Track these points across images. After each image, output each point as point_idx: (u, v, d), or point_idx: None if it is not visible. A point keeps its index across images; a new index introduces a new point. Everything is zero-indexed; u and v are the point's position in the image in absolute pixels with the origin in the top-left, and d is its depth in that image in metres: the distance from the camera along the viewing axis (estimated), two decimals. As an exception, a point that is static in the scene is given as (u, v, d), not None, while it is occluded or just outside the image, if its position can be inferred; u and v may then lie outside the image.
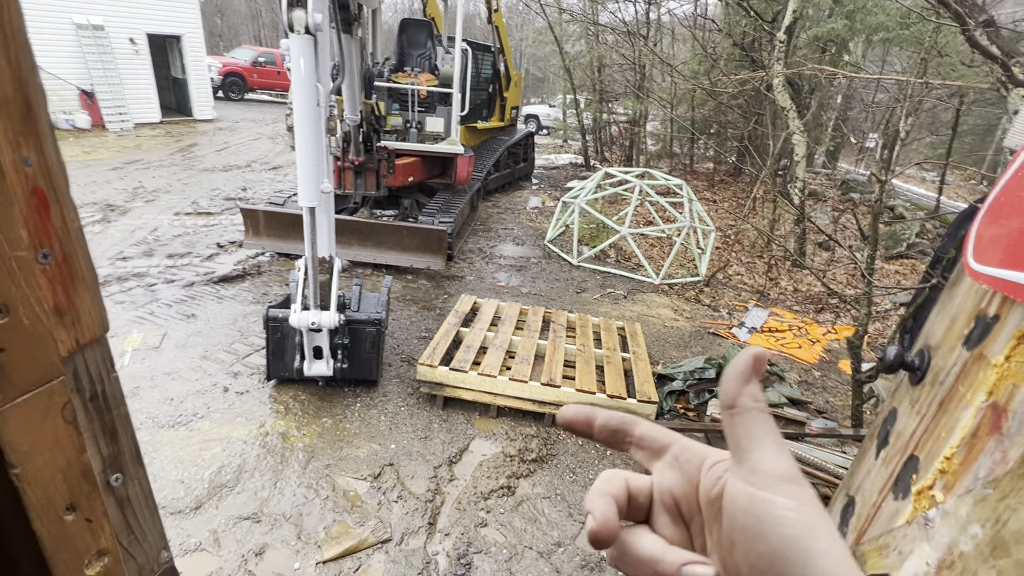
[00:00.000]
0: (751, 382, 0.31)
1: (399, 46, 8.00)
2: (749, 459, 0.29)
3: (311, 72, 2.71)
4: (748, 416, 0.30)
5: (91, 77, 11.97)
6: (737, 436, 0.30)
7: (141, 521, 0.55)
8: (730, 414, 0.31)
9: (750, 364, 0.31)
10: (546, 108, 21.82)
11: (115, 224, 6.37)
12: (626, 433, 0.36)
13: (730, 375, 0.31)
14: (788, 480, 0.28)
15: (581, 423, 0.37)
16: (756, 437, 0.30)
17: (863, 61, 12.93)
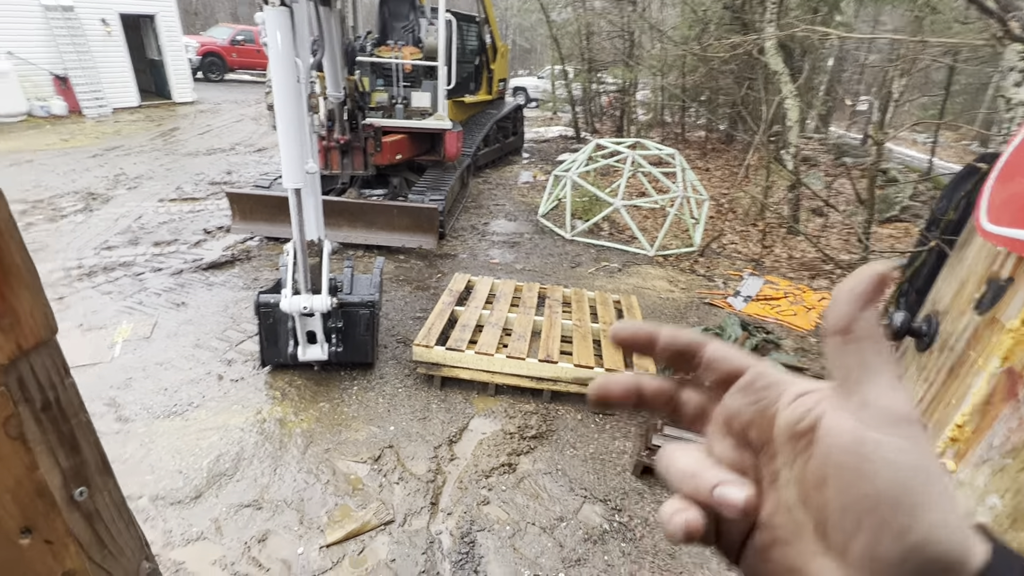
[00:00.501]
0: (870, 305, 0.28)
1: (381, 19, 7.75)
2: (860, 392, 0.27)
3: (288, 46, 2.59)
4: (864, 344, 0.27)
5: (64, 61, 11.59)
6: (848, 366, 0.27)
7: (115, 534, 0.51)
8: (842, 341, 0.27)
9: (871, 284, 0.28)
10: (534, 80, 21.40)
11: (98, 213, 6.23)
12: (694, 353, 0.34)
13: (845, 295, 0.28)
14: (904, 420, 0.26)
15: (642, 341, 0.34)
16: (871, 369, 0.27)
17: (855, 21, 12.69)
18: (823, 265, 6.18)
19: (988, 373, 1.00)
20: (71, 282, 4.59)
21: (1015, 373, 0.93)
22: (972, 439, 1.00)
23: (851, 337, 0.27)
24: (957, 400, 1.08)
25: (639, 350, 0.35)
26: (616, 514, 2.77)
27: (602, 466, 3.08)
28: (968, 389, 1.05)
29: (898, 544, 0.24)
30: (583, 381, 3.52)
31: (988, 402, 0.98)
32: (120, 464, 2.80)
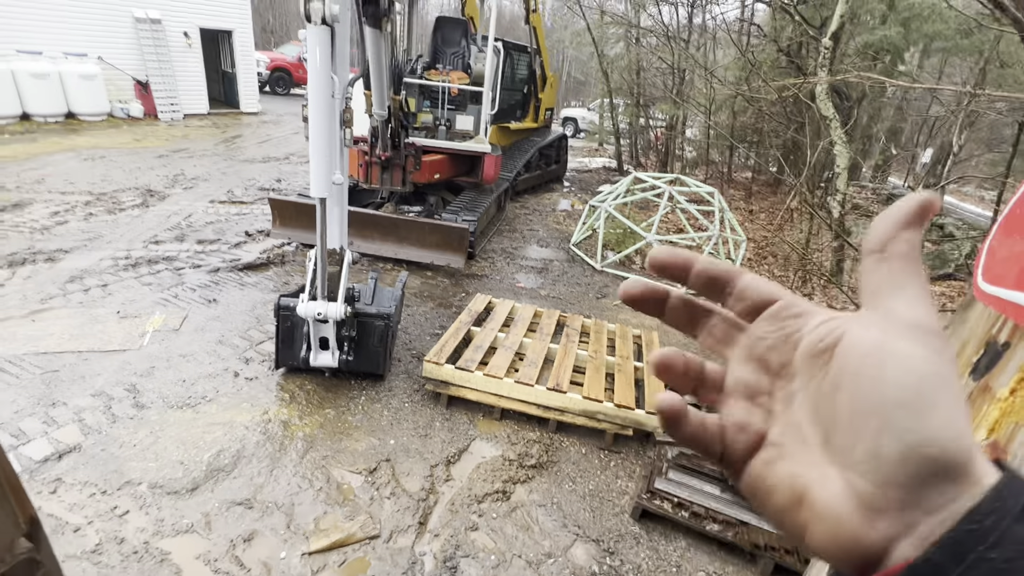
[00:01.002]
0: (912, 228, 0.28)
1: (434, 44, 8.04)
2: (885, 306, 0.27)
3: (326, 63, 2.71)
4: (896, 262, 0.28)
5: (146, 68, 12.51)
6: (877, 283, 0.28)
7: (-17, 508, 0.51)
8: (875, 259, 0.28)
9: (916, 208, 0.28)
10: (584, 111, 21.64)
11: (153, 209, 6.60)
12: (727, 283, 0.34)
13: (887, 216, 0.28)
14: (925, 330, 0.26)
15: (678, 267, 0.35)
16: (899, 284, 0.27)
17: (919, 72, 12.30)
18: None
19: (975, 445, 0.91)
20: (117, 271, 4.86)
21: (999, 447, 0.84)
22: (952, 517, 0.91)
23: (884, 255, 0.28)
24: (943, 472, 0.99)
25: (673, 275, 0.35)
26: (608, 557, 2.65)
27: (600, 504, 2.97)
28: (955, 461, 0.96)
29: (899, 443, 0.24)
30: (591, 414, 3.43)
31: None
32: (129, 449, 2.89)
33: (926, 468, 0.23)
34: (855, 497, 0.25)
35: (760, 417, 0.32)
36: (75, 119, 11.32)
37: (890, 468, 0.24)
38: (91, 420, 3.05)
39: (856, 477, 0.25)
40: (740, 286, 0.34)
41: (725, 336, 0.35)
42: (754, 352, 0.33)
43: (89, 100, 11.46)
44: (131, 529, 2.45)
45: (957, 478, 0.23)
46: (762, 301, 0.33)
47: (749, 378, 0.33)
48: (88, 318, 4.06)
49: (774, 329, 0.32)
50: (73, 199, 6.55)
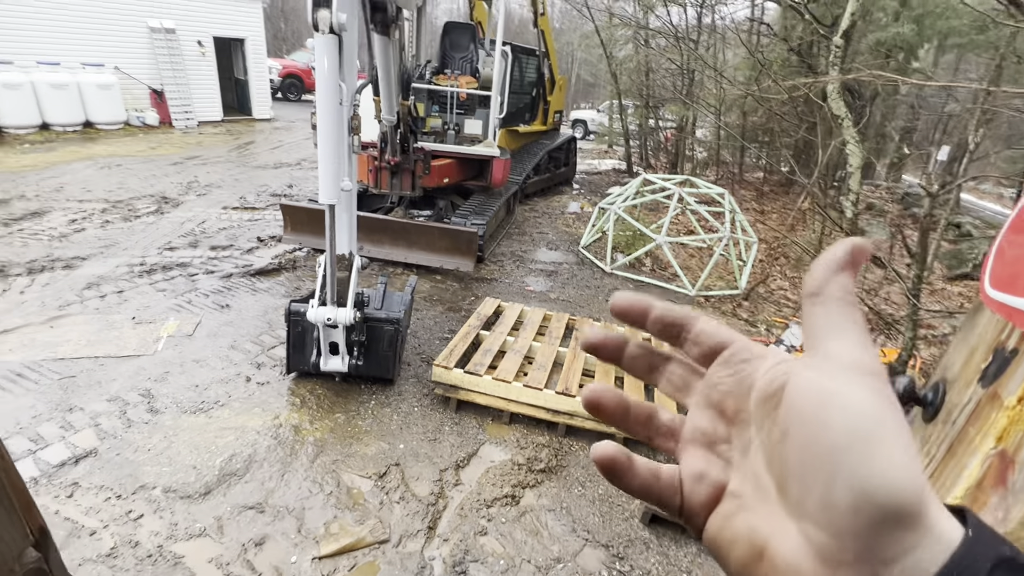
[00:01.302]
0: (844, 273, 0.28)
1: (442, 48, 8.09)
2: (826, 348, 0.27)
3: (334, 71, 2.74)
4: (832, 305, 0.28)
5: (161, 77, 12.73)
6: (815, 326, 0.28)
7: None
8: (811, 302, 0.28)
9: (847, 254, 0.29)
10: (594, 113, 21.61)
11: (167, 216, 6.71)
12: (683, 328, 0.35)
13: (821, 262, 0.29)
14: (865, 371, 0.26)
15: (636, 312, 0.35)
16: (836, 327, 0.27)
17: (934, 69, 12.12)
18: (877, 320, 5.79)
19: (983, 454, 0.90)
20: (132, 277, 4.94)
21: (1007, 457, 0.83)
22: (960, 527, 0.89)
23: (820, 299, 0.28)
24: (952, 481, 0.97)
25: (631, 321, 0.35)
26: (617, 562, 2.64)
27: (609, 509, 2.96)
28: (963, 470, 0.95)
29: (849, 491, 0.23)
30: (600, 418, 3.41)
31: (979, 486, 0.87)
32: (143, 453, 2.94)
33: (878, 515, 0.22)
34: (812, 549, 0.24)
35: (719, 467, 0.32)
36: (93, 128, 11.55)
37: (843, 518, 0.23)
38: (107, 425, 3.11)
39: (812, 528, 0.24)
40: (695, 331, 0.34)
41: (684, 383, 0.35)
42: (711, 399, 0.33)
43: (106, 109, 11.68)
44: (145, 533, 2.48)
45: (911, 524, 0.23)
46: (717, 345, 0.33)
47: (706, 426, 0.33)
48: (104, 324, 4.13)
49: (728, 374, 0.32)
50: (90, 207, 6.68)
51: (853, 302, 0.28)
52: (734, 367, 0.32)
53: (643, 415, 0.36)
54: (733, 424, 0.32)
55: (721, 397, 0.32)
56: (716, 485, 0.31)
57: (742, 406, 0.31)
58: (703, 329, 0.34)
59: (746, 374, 0.31)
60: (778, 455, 0.27)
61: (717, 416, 0.33)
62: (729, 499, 0.30)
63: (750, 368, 0.31)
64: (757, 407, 0.30)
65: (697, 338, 0.34)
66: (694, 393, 0.35)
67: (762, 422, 0.29)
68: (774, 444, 0.27)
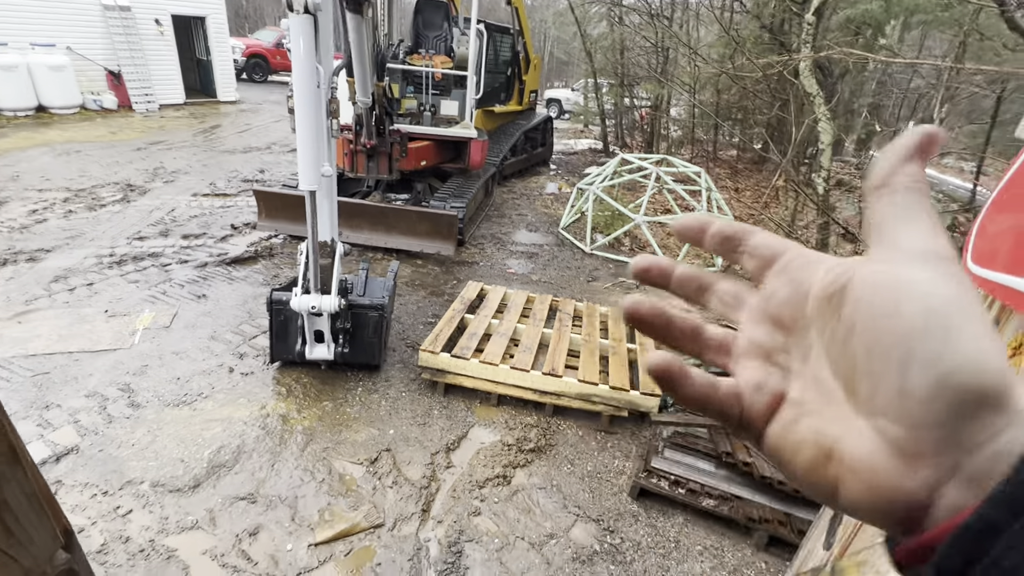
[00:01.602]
0: (914, 162, 0.27)
1: (414, 28, 7.90)
2: (893, 238, 0.26)
3: (310, 52, 2.66)
4: (901, 195, 0.27)
5: (118, 58, 12.14)
6: (882, 217, 0.27)
7: (25, 524, 0.52)
8: (879, 194, 0.27)
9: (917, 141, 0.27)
10: (568, 92, 21.47)
11: (134, 204, 6.48)
12: (740, 241, 0.34)
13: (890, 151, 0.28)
14: (938, 257, 0.25)
15: (695, 230, 0.35)
16: (905, 216, 0.26)
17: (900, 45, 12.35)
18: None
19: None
20: (102, 269, 4.78)
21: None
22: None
23: (889, 188, 0.27)
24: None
25: (690, 238, 0.36)
26: (608, 535, 2.72)
27: (599, 485, 3.04)
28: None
29: (926, 376, 0.22)
30: (586, 397, 3.48)
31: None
32: (128, 448, 2.89)
33: (960, 399, 0.21)
34: (888, 444, 0.23)
35: (778, 376, 0.30)
36: (46, 112, 11.00)
37: (921, 406, 0.22)
38: (87, 421, 3.04)
39: (886, 423, 0.23)
40: (751, 244, 0.34)
41: (735, 300, 0.34)
42: (767, 310, 0.32)
43: (60, 92, 11.12)
44: (135, 528, 2.46)
45: (997, 406, 0.21)
46: (772, 256, 0.32)
47: (762, 338, 0.32)
48: (76, 318, 4.01)
49: (784, 283, 0.31)
50: (51, 196, 6.40)
51: (924, 191, 0.27)
52: (790, 275, 0.31)
53: (688, 328, 0.35)
54: (791, 333, 0.30)
55: (777, 308, 0.31)
56: (775, 394, 0.30)
57: (799, 313, 0.30)
58: (759, 241, 0.33)
59: (802, 279, 0.30)
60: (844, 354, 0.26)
61: (773, 327, 0.31)
62: (790, 406, 0.29)
63: (806, 274, 0.30)
64: (817, 309, 0.28)
65: (754, 251, 0.33)
66: (747, 308, 0.34)
67: (823, 324, 0.28)
68: (839, 343, 0.26)
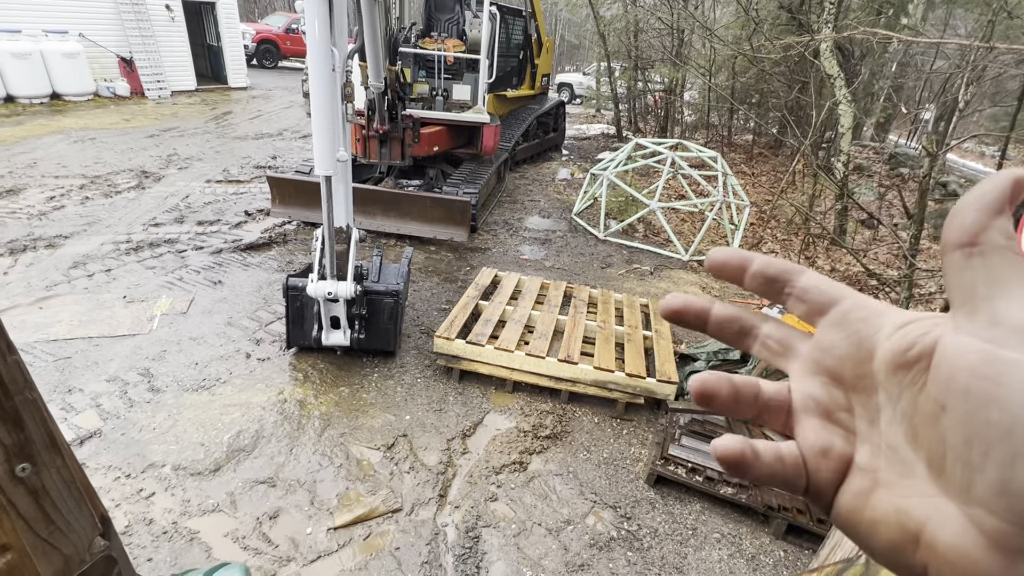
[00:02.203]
0: (1003, 213, 0.24)
1: (426, 11, 7.80)
2: (989, 309, 0.23)
3: (325, 36, 2.63)
4: (994, 256, 0.23)
5: (129, 45, 12.15)
6: (973, 282, 0.24)
7: (64, 511, 0.51)
8: (966, 254, 0.24)
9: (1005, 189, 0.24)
10: (580, 76, 21.19)
11: (149, 191, 6.52)
12: (786, 282, 0.32)
13: (972, 201, 0.24)
14: None
15: (733, 267, 0.33)
16: (1002, 282, 0.23)
17: (923, 24, 12.01)
18: (868, 280, 5.89)
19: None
20: (119, 255, 4.82)
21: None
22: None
23: (979, 248, 0.24)
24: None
25: (728, 276, 0.33)
26: (625, 522, 2.72)
27: (615, 472, 3.03)
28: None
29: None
30: (602, 384, 3.47)
31: None
32: (149, 432, 2.92)
33: None
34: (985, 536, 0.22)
35: (841, 438, 0.29)
36: (60, 100, 11.06)
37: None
38: (108, 405, 3.08)
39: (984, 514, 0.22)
40: (800, 286, 0.31)
41: (784, 347, 0.32)
42: (822, 363, 0.30)
43: (73, 79, 11.16)
44: (158, 510, 2.50)
45: None
46: (825, 303, 0.30)
47: (820, 393, 0.30)
48: (95, 304, 4.05)
49: (843, 336, 0.29)
50: (67, 183, 6.45)
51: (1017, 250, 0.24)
52: (849, 327, 0.29)
53: (750, 394, 0.32)
54: (853, 391, 0.29)
55: (835, 363, 0.29)
56: (842, 459, 0.28)
57: (863, 371, 0.28)
58: (809, 284, 0.31)
59: (865, 335, 0.28)
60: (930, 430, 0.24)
61: (831, 382, 0.29)
62: (859, 474, 0.27)
63: (868, 328, 0.28)
64: (889, 371, 0.26)
65: (803, 294, 0.31)
66: (798, 358, 0.31)
67: (898, 391, 0.26)
68: (923, 417, 0.24)
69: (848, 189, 6.28)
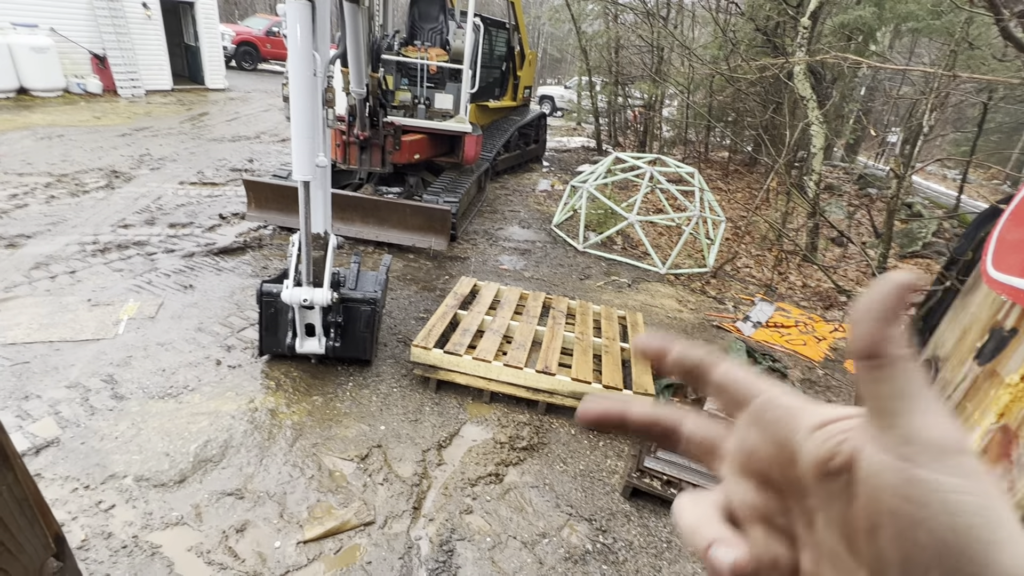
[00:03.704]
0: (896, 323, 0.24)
1: (410, 19, 7.81)
2: (900, 425, 0.23)
3: (307, 40, 2.60)
4: (898, 368, 0.24)
5: (103, 41, 11.85)
6: (881, 395, 0.24)
7: (15, 531, 0.48)
8: (870, 367, 0.24)
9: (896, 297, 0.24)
10: (561, 89, 21.44)
11: (119, 191, 6.33)
12: (703, 372, 0.32)
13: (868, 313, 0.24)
14: (955, 452, 0.23)
15: (654, 352, 0.33)
16: (908, 396, 0.24)
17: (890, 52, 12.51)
18: (838, 296, 6.05)
19: (983, 429, 0.94)
20: (85, 257, 4.66)
21: (1010, 432, 0.87)
22: (961, 497, 0.94)
23: (883, 361, 0.24)
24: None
25: (651, 359, 0.33)
26: (600, 535, 2.71)
27: (591, 484, 3.02)
28: (961, 443, 0.99)
29: None
30: (580, 395, 3.46)
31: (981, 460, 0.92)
32: (111, 441, 2.81)
33: None
34: None
35: (785, 546, 0.29)
36: (28, 95, 10.71)
37: None
38: (68, 413, 2.95)
39: None
40: (716, 378, 0.32)
41: (709, 447, 0.33)
42: (749, 467, 0.30)
43: (42, 75, 10.83)
44: (118, 523, 2.39)
45: None
46: (742, 398, 0.31)
47: (755, 499, 0.30)
48: (57, 307, 3.90)
49: (762, 437, 0.29)
50: (32, 181, 6.23)
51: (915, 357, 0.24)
52: (766, 427, 0.29)
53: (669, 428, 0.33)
54: (784, 495, 0.29)
55: (762, 466, 0.29)
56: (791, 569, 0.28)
57: (790, 475, 0.28)
58: (724, 378, 0.31)
59: (783, 437, 0.28)
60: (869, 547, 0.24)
61: (762, 486, 0.30)
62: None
63: (784, 430, 0.28)
64: (815, 481, 0.27)
65: (719, 387, 0.32)
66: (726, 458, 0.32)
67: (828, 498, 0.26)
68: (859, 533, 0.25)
69: (820, 207, 6.46)
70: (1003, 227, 0.99)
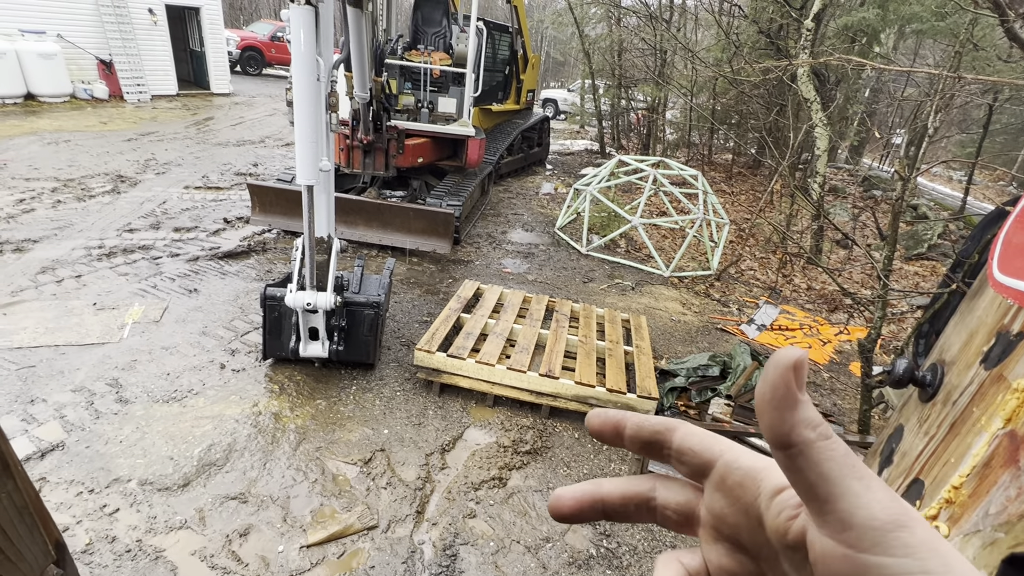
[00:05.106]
0: (800, 404, 0.24)
1: (414, 23, 7.84)
2: (835, 511, 0.23)
3: (311, 45, 2.62)
4: (814, 452, 0.24)
5: (109, 47, 11.96)
6: (807, 481, 0.24)
7: (15, 538, 0.48)
8: (787, 455, 0.24)
9: (788, 379, 0.24)
10: (564, 92, 21.47)
11: (125, 195, 6.37)
12: (662, 444, 0.32)
13: (769, 400, 0.24)
14: (895, 527, 0.22)
15: (609, 432, 0.33)
16: (834, 479, 0.23)
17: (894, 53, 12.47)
18: (843, 299, 6.02)
19: (990, 434, 0.93)
20: (91, 261, 4.69)
21: (1017, 437, 0.86)
22: (968, 504, 0.93)
23: (796, 449, 0.24)
24: (956, 459, 1.01)
25: (607, 441, 0.33)
26: (604, 540, 2.69)
27: (595, 488, 3.01)
28: (968, 449, 0.98)
29: None
30: (583, 399, 3.46)
31: (988, 465, 0.91)
32: (115, 445, 2.82)
33: None
34: None
35: None
36: (35, 100, 10.81)
37: None
38: (73, 416, 2.96)
39: None
40: (675, 447, 0.31)
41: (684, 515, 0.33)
42: (721, 532, 0.31)
43: (49, 80, 10.92)
44: (122, 527, 2.40)
45: None
46: (704, 464, 0.31)
47: (730, 564, 0.31)
48: (63, 311, 3.92)
49: (728, 503, 0.30)
50: (39, 185, 6.28)
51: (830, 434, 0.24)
52: (730, 493, 0.30)
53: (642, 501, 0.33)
54: (757, 557, 0.29)
55: (732, 531, 0.30)
56: None
57: (759, 539, 0.29)
58: (683, 446, 0.31)
59: (747, 502, 0.29)
60: None
61: (735, 550, 0.30)
62: None
63: (747, 495, 0.29)
64: (782, 547, 0.27)
65: (680, 457, 0.31)
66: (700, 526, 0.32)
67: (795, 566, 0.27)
68: None
69: (824, 210, 6.43)
70: (1009, 229, 0.99)
